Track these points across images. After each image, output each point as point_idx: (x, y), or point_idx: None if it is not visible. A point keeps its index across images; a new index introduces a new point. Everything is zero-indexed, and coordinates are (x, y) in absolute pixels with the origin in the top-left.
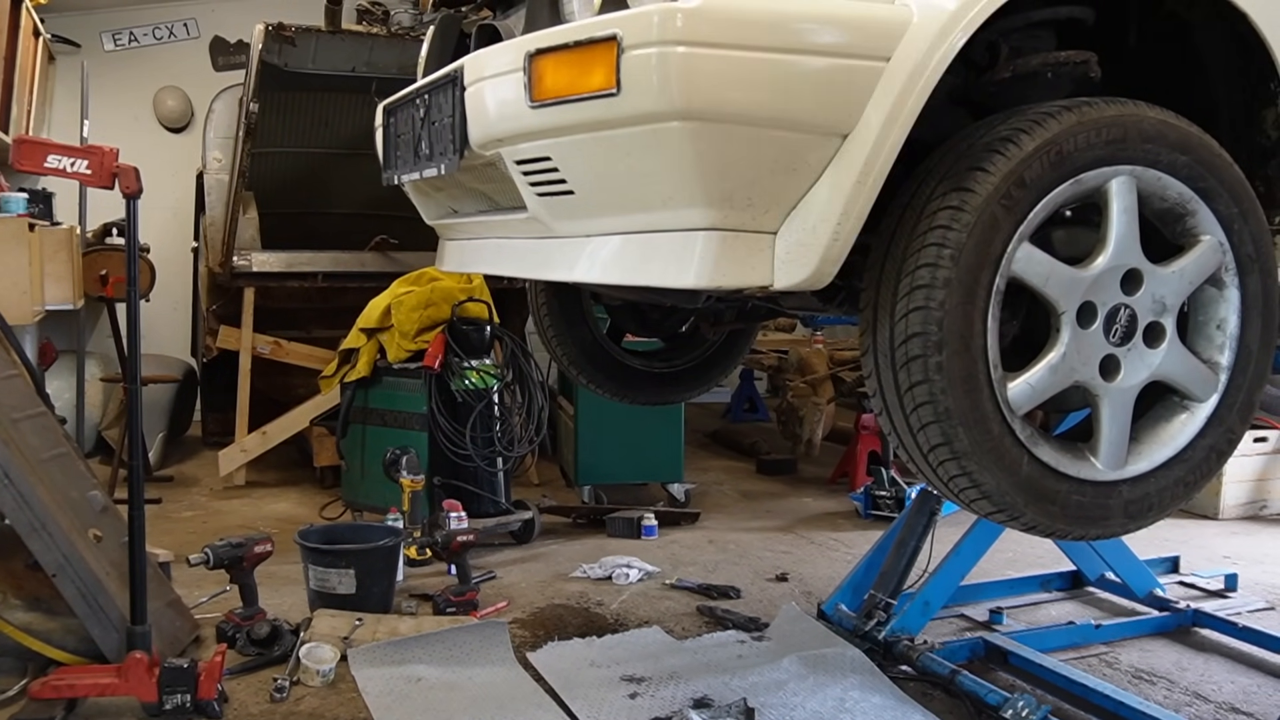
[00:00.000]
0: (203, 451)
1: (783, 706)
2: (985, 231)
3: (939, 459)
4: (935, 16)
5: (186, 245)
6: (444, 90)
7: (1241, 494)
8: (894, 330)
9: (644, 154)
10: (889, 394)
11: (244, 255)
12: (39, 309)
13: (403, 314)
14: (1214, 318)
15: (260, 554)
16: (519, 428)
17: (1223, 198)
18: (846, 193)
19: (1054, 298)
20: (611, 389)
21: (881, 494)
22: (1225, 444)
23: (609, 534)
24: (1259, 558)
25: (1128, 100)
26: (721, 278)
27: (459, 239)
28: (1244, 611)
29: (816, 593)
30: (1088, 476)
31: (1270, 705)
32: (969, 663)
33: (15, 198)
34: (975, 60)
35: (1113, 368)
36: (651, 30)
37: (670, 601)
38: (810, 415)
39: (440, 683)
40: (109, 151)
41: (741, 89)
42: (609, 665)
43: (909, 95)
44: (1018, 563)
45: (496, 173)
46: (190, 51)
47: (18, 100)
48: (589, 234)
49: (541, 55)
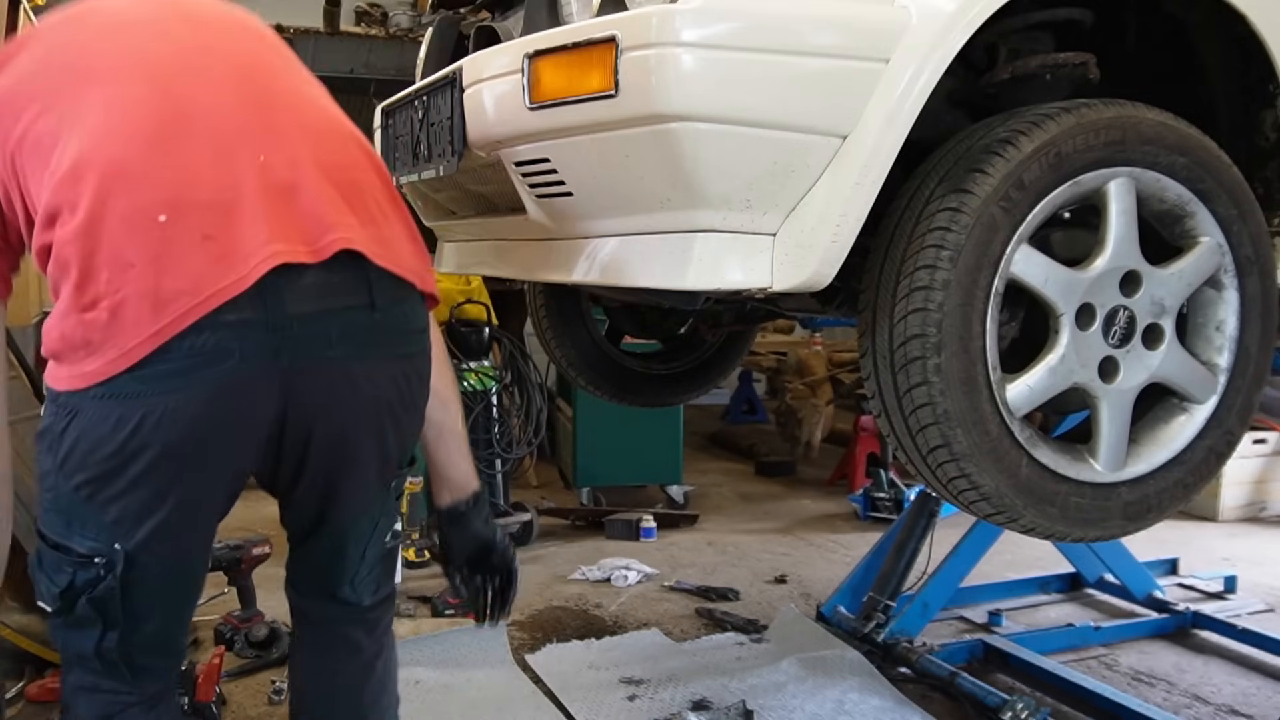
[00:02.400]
0: None
1: (782, 708)
2: (984, 233)
3: (938, 461)
4: (934, 18)
5: None
6: (442, 92)
7: (1241, 496)
8: (893, 332)
9: (642, 155)
10: (888, 396)
11: None
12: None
13: None
14: (1213, 319)
15: (258, 556)
16: (517, 429)
17: (1222, 199)
18: (845, 194)
19: (1052, 299)
20: (610, 391)
21: (880, 496)
22: (1224, 446)
23: (607, 536)
24: (1258, 560)
25: (1126, 102)
26: (720, 279)
27: (458, 240)
28: (1243, 613)
29: (815, 595)
30: (1087, 478)
31: (1270, 707)
32: (968, 665)
33: None
34: (974, 62)
35: (1111, 369)
36: (650, 32)
37: (669, 603)
38: (809, 417)
39: (438, 685)
40: None
41: (740, 90)
42: (607, 667)
43: (908, 97)
44: (1016, 565)
45: (495, 174)
46: None
47: None
48: (587, 235)
49: (540, 57)
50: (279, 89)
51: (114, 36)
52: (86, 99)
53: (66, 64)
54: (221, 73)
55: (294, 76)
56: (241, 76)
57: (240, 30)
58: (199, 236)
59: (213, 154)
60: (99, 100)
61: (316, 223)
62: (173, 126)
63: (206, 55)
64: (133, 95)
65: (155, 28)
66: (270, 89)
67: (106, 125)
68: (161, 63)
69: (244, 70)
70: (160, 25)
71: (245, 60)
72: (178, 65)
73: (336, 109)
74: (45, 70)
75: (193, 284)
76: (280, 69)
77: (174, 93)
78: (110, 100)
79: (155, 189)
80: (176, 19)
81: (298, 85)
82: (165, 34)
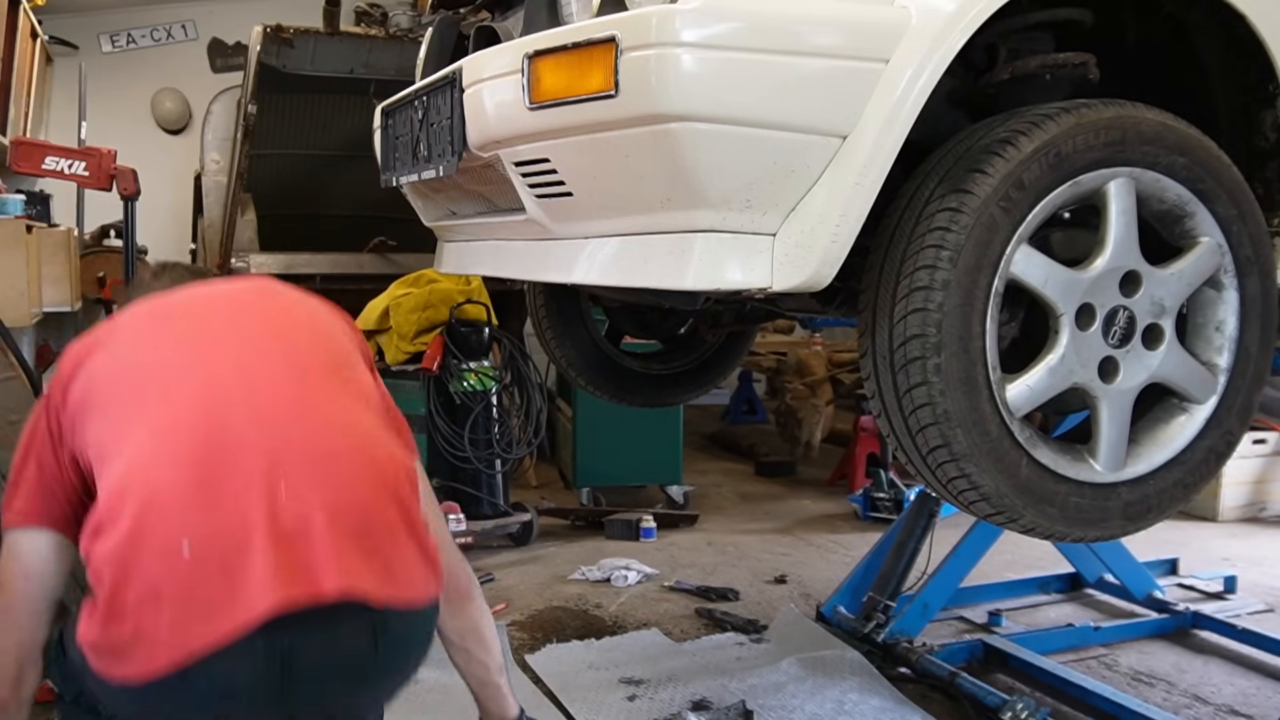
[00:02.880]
0: None
1: (781, 709)
2: (984, 233)
3: (938, 461)
4: (934, 18)
5: (184, 247)
6: (442, 92)
7: (1240, 496)
8: (893, 332)
9: (642, 156)
10: (888, 396)
11: (242, 257)
12: (36, 311)
13: (401, 316)
14: (1212, 319)
15: None
16: (517, 430)
17: (1221, 199)
18: (845, 194)
19: (1052, 299)
20: (610, 391)
21: (880, 496)
22: (1224, 446)
23: (607, 536)
24: (1258, 560)
25: (1126, 102)
26: (720, 279)
27: (457, 241)
28: (1243, 614)
29: (815, 595)
30: (1087, 478)
31: (1269, 707)
32: (968, 665)
33: (13, 199)
34: (974, 62)
35: (1111, 369)
36: (649, 32)
37: (669, 604)
38: (809, 417)
39: (437, 685)
40: (107, 153)
41: (740, 90)
42: (607, 667)
43: (907, 97)
44: (1016, 565)
45: (495, 174)
46: (188, 53)
47: (15, 102)
48: (587, 235)
49: (540, 57)
50: (319, 415)
51: (185, 345)
52: (143, 414)
53: (136, 372)
54: (269, 397)
55: (339, 395)
56: (288, 400)
57: (308, 337)
58: (218, 574)
59: (236, 494)
60: (151, 420)
61: (324, 568)
62: (206, 467)
63: (263, 371)
64: (182, 423)
65: (230, 325)
66: (311, 414)
67: (153, 451)
68: (217, 383)
69: (292, 394)
70: (236, 321)
71: (298, 378)
72: (232, 386)
73: (371, 419)
74: (115, 378)
75: (205, 621)
76: (327, 392)
77: (218, 424)
78: (161, 425)
79: (184, 527)
80: (255, 315)
81: (339, 408)
82: (236, 332)
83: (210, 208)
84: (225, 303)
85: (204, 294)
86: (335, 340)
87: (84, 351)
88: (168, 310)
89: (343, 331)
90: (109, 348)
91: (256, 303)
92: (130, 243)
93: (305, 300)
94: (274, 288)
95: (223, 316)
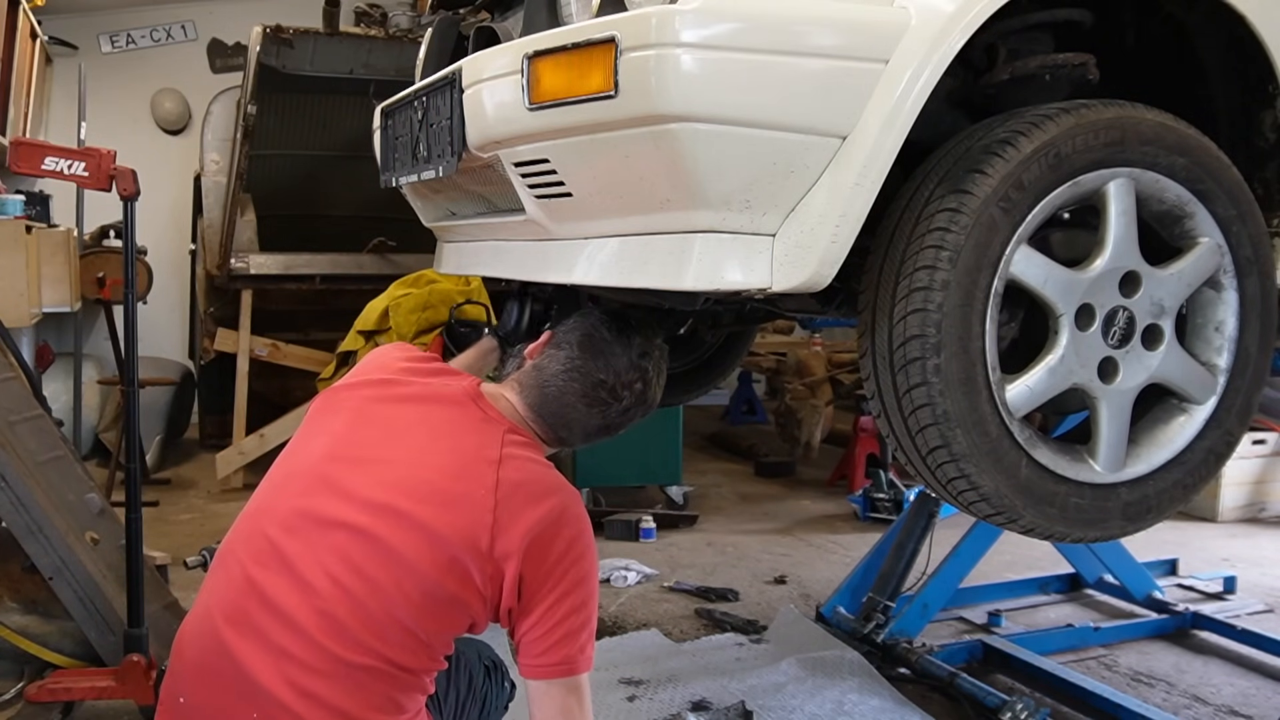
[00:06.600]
0: (200, 454)
1: (781, 709)
2: (983, 234)
3: (937, 461)
4: (933, 19)
5: (184, 248)
6: (442, 92)
7: (1240, 496)
8: (892, 332)
9: (642, 156)
10: (887, 396)
11: (242, 257)
12: (36, 311)
13: (401, 316)
14: (1212, 320)
15: None
16: None
17: (1221, 200)
18: (845, 194)
19: (1052, 300)
20: None
21: (880, 496)
22: (1224, 446)
23: (607, 536)
24: (1257, 560)
25: (1126, 103)
26: (719, 280)
27: (457, 241)
28: (1243, 614)
29: (815, 595)
30: (1086, 479)
31: (1269, 708)
32: (968, 665)
33: (12, 200)
34: (973, 62)
35: (1111, 370)
36: (649, 32)
37: (668, 604)
38: (809, 417)
39: None
40: (106, 154)
41: (740, 91)
42: (607, 668)
43: (907, 97)
44: (1016, 565)
45: (494, 175)
46: (188, 54)
47: (15, 102)
48: (587, 236)
49: (539, 57)
50: (336, 609)
51: (284, 482)
52: (225, 561)
53: (254, 507)
54: (298, 575)
55: (369, 582)
56: (316, 576)
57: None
58: None
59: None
60: (220, 567)
61: None
62: (215, 659)
63: (311, 534)
64: (230, 577)
65: (312, 477)
66: (322, 606)
67: (204, 597)
68: (267, 540)
69: (321, 578)
70: (318, 474)
71: (336, 553)
72: (284, 543)
73: (382, 599)
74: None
75: None
76: (357, 596)
77: (251, 585)
78: (219, 575)
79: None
80: (347, 464)
81: (360, 594)
82: (319, 485)
83: (210, 208)
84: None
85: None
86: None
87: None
88: (306, 439)
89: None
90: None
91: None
92: (130, 243)
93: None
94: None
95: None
